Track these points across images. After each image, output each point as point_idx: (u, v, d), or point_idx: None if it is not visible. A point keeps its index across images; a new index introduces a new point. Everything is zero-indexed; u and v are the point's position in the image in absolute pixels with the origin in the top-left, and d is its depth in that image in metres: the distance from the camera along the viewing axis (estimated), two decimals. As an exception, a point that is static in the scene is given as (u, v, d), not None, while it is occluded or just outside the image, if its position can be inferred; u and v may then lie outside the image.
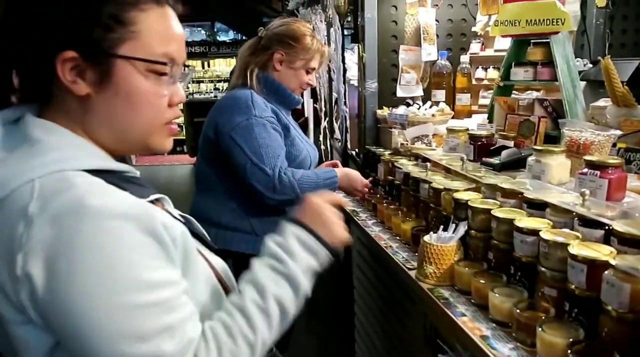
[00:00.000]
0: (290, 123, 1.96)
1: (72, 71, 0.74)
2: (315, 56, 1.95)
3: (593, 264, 0.96)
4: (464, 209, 1.41)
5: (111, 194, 0.72)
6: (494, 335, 1.10)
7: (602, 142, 1.39)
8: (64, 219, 0.67)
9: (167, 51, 0.79)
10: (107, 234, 0.67)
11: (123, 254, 0.68)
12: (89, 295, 0.66)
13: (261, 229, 1.83)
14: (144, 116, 0.79)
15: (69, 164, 0.72)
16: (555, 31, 1.79)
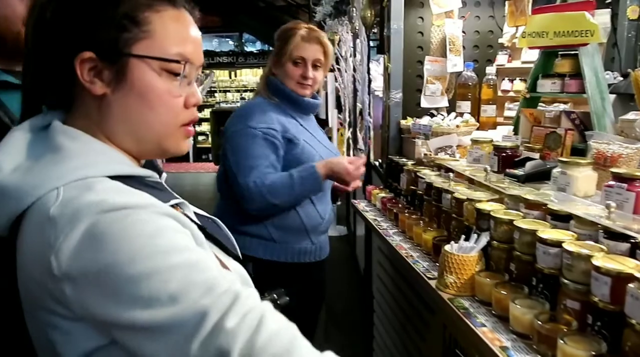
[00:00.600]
0: (308, 129, 1.94)
1: (90, 72, 0.76)
2: (298, 45, 1.86)
3: (618, 276, 0.94)
4: (487, 219, 1.39)
5: (130, 193, 0.73)
6: (514, 346, 1.08)
7: (630, 154, 1.37)
8: (85, 214, 0.68)
9: (181, 51, 0.80)
10: (130, 219, 0.68)
11: (151, 229, 0.68)
12: (124, 269, 0.65)
13: (278, 236, 1.84)
14: (159, 115, 0.80)
15: (91, 170, 0.74)
16: (584, 43, 1.77)
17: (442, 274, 1.39)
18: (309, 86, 1.90)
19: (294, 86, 1.88)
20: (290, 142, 1.84)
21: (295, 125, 1.89)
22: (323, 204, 1.94)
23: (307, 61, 1.87)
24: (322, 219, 1.93)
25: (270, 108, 1.87)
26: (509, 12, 2.32)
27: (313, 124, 2.01)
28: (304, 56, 1.86)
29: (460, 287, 1.34)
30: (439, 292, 1.38)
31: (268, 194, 1.75)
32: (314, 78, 1.89)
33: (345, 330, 3.40)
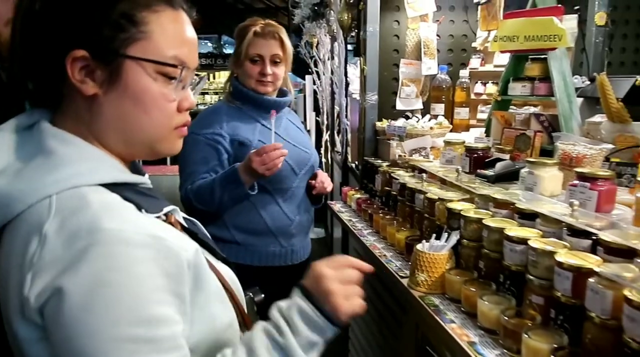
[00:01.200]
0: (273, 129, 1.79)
1: (81, 71, 0.73)
2: (254, 42, 1.80)
3: (578, 271, 0.97)
4: (457, 218, 1.42)
5: (128, 217, 0.70)
6: (482, 342, 1.10)
7: (594, 155, 1.41)
8: (77, 240, 0.65)
9: (177, 54, 0.77)
10: (115, 261, 0.66)
11: (127, 283, 0.66)
12: (84, 319, 0.64)
13: (242, 238, 1.80)
14: (152, 119, 0.77)
15: (84, 178, 0.71)
16: (553, 47, 1.82)
17: (413, 272, 1.41)
18: (270, 83, 1.83)
19: (254, 85, 1.82)
20: (241, 144, 1.79)
21: (253, 127, 1.83)
22: (291, 205, 1.87)
23: (265, 57, 1.80)
24: (290, 221, 1.85)
25: (225, 112, 1.83)
26: (481, 17, 2.37)
27: (282, 121, 1.92)
28: (260, 53, 1.80)
29: (431, 285, 1.36)
30: (410, 291, 1.40)
31: (194, 199, 1.72)
32: (273, 74, 1.82)
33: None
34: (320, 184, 1.91)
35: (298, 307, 0.79)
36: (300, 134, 1.99)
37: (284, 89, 1.94)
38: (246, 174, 1.67)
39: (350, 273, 0.83)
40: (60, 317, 0.65)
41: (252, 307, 1.01)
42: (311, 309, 0.78)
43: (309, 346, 0.77)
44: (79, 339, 0.65)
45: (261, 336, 0.77)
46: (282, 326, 0.77)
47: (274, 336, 0.77)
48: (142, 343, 0.66)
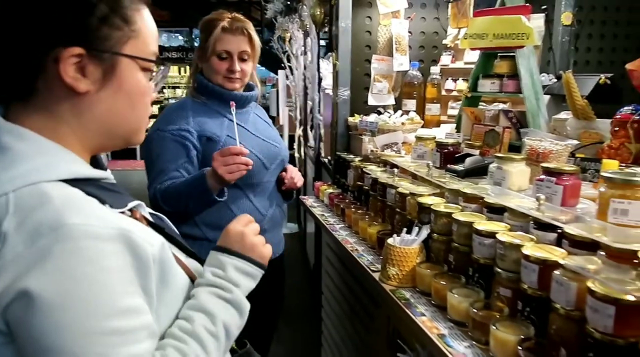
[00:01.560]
0: (240, 123, 1.79)
1: (74, 67, 0.73)
2: (221, 37, 1.75)
3: (544, 264, 1.00)
4: (427, 213, 1.44)
5: (91, 211, 0.70)
6: (451, 334, 1.12)
7: (560, 151, 1.45)
8: (40, 237, 0.65)
9: (154, 50, 0.82)
10: (83, 255, 0.66)
11: (98, 277, 0.66)
12: (57, 316, 0.64)
13: (213, 235, 1.75)
14: (139, 112, 0.82)
15: (43, 174, 0.70)
16: (520, 45, 1.85)
17: (385, 266, 1.42)
18: (238, 79, 1.79)
19: (221, 81, 1.78)
20: (209, 140, 1.74)
21: (220, 122, 1.79)
22: (263, 200, 1.84)
23: (233, 54, 1.76)
24: (262, 216, 1.82)
25: (191, 108, 1.78)
26: (451, 14, 2.40)
27: (249, 116, 1.88)
28: (228, 49, 1.75)
29: (402, 278, 1.38)
30: (382, 284, 1.41)
31: (161, 201, 1.68)
32: (242, 71, 1.78)
33: (295, 327, 3.41)
34: (291, 179, 1.89)
35: (233, 266, 0.90)
36: (269, 129, 1.96)
37: (250, 83, 1.89)
38: (213, 179, 1.63)
39: (256, 226, 1.00)
40: (30, 317, 0.64)
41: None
42: (244, 263, 0.91)
43: (247, 291, 0.91)
44: (53, 337, 0.64)
45: (211, 298, 0.85)
46: (226, 284, 0.87)
47: (223, 295, 0.86)
48: (118, 335, 0.67)
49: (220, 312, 0.83)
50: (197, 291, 0.85)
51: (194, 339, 0.79)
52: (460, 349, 1.06)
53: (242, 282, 0.89)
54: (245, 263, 0.91)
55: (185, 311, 0.82)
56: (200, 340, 0.79)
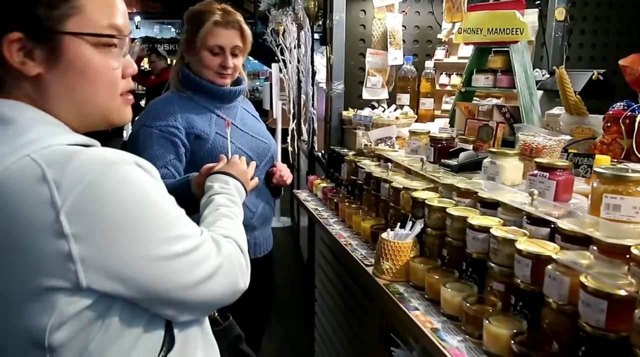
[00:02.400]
0: (228, 118, 1.76)
1: (19, 52, 0.74)
2: (214, 32, 1.68)
3: (537, 258, 1.01)
4: (421, 207, 1.44)
5: (112, 150, 0.76)
6: (444, 328, 1.13)
7: (553, 146, 1.46)
8: (91, 171, 0.70)
9: (112, 22, 0.80)
10: (131, 175, 0.74)
11: (147, 187, 0.76)
12: (134, 224, 0.73)
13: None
14: (100, 89, 0.81)
15: (53, 139, 0.74)
16: (515, 40, 1.86)
17: (378, 260, 1.42)
18: (229, 75, 1.74)
19: (212, 77, 1.72)
20: (198, 138, 1.70)
21: (208, 118, 1.74)
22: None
23: (226, 49, 1.70)
24: (252, 213, 1.79)
25: (177, 103, 1.72)
26: (446, 9, 2.40)
27: (237, 111, 1.84)
28: (221, 44, 1.69)
29: (396, 273, 1.38)
30: (375, 279, 1.42)
31: None
32: (234, 66, 1.72)
33: (288, 321, 3.42)
34: (280, 176, 1.84)
35: (234, 185, 1.22)
36: (257, 124, 1.91)
37: (238, 77, 1.83)
38: (199, 188, 1.57)
39: (245, 164, 1.36)
40: (105, 242, 0.71)
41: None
42: (240, 186, 1.25)
43: (239, 196, 1.22)
44: (130, 251, 0.73)
45: (224, 199, 1.14)
46: (232, 192, 1.19)
47: (231, 199, 1.16)
48: (179, 218, 0.82)
49: (232, 204, 1.13)
50: (213, 197, 1.14)
51: (223, 215, 1.05)
52: (453, 343, 1.06)
53: (238, 197, 1.19)
54: (240, 185, 1.24)
55: (207, 208, 1.10)
56: (227, 215, 1.06)
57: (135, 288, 0.74)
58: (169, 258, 0.76)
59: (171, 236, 0.77)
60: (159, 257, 0.75)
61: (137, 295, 0.75)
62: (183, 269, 0.78)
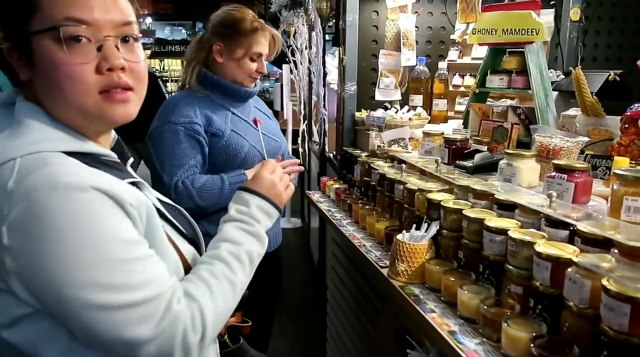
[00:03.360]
0: (242, 117, 1.84)
1: (18, 61, 0.79)
2: (257, 40, 1.79)
3: (557, 261, 0.99)
4: (437, 209, 1.43)
5: (83, 171, 0.75)
6: (462, 331, 1.12)
7: (571, 148, 1.44)
8: (36, 192, 0.70)
9: (69, 14, 0.76)
10: (78, 203, 0.71)
11: (97, 220, 0.72)
12: (72, 258, 0.70)
13: (213, 230, 1.76)
14: (67, 89, 0.77)
15: (46, 145, 0.75)
16: (530, 41, 1.85)
17: (393, 262, 1.42)
18: (256, 79, 1.86)
19: (245, 80, 1.82)
20: (213, 136, 1.75)
21: (224, 116, 1.80)
22: None
23: (263, 56, 1.83)
24: None
25: (195, 101, 1.78)
26: (460, 9, 2.38)
27: (250, 110, 1.90)
28: (262, 52, 1.81)
29: (411, 274, 1.38)
30: (390, 280, 1.41)
31: (197, 196, 1.68)
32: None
33: (299, 321, 3.42)
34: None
35: (257, 206, 1.03)
36: (269, 122, 1.96)
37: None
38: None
39: (279, 169, 1.14)
40: (37, 259, 0.69)
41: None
42: (266, 204, 1.05)
43: (266, 227, 1.03)
44: (59, 271, 0.70)
45: (235, 230, 0.97)
46: (249, 219, 1.00)
47: (246, 228, 0.98)
48: (128, 262, 0.73)
49: (244, 241, 0.95)
50: (223, 225, 0.98)
51: (220, 261, 0.89)
52: (471, 346, 1.06)
53: (263, 220, 1.02)
54: (267, 204, 1.05)
55: (212, 243, 0.95)
56: (226, 261, 0.89)
57: (54, 315, 0.73)
58: (88, 307, 0.70)
59: (102, 282, 0.70)
60: (80, 301, 0.69)
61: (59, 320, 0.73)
62: (101, 322, 0.71)
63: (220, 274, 0.87)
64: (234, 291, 0.88)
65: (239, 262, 0.91)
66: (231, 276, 0.88)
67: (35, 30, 0.76)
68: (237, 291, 0.89)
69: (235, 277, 0.88)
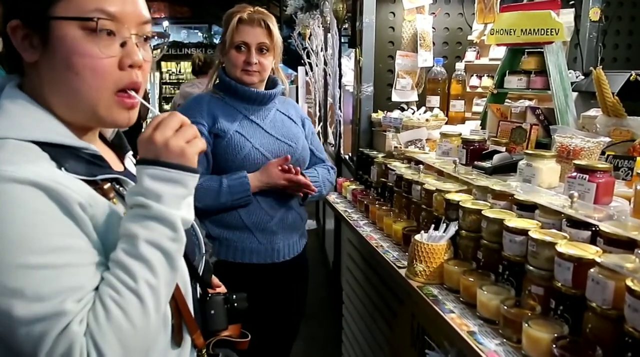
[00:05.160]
0: (255, 121, 1.80)
1: (23, 40, 0.77)
2: (240, 29, 1.73)
3: (579, 262, 0.98)
4: (455, 209, 1.43)
5: (32, 164, 0.72)
6: (481, 331, 1.11)
7: (592, 148, 1.42)
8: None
9: (100, 6, 0.76)
10: (10, 196, 0.68)
11: (23, 216, 0.68)
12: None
13: (218, 233, 1.76)
14: (85, 79, 0.76)
15: (15, 133, 0.74)
16: (550, 41, 1.83)
17: (411, 262, 1.41)
18: (256, 72, 1.75)
19: (239, 74, 1.75)
20: (216, 136, 1.74)
21: (233, 118, 1.77)
22: (270, 200, 1.79)
23: (251, 46, 1.73)
24: (269, 217, 1.78)
25: (207, 101, 1.78)
26: (478, 9, 2.37)
27: (269, 113, 1.84)
28: (246, 41, 1.72)
29: (430, 275, 1.37)
30: (408, 281, 1.41)
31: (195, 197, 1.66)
32: (259, 63, 1.74)
33: (314, 323, 3.42)
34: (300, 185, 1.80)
35: (147, 175, 0.76)
36: (290, 126, 1.88)
37: (275, 79, 1.87)
38: (257, 187, 1.72)
39: (173, 121, 0.80)
40: None
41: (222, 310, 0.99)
42: (163, 170, 0.76)
43: (176, 199, 0.78)
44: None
45: (129, 220, 0.76)
46: (141, 201, 0.76)
47: (140, 213, 0.75)
48: (50, 269, 0.69)
49: (139, 232, 0.74)
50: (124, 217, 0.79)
51: (116, 265, 0.73)
52: (491, 346, 1.05)
53: (165, 191, 0.76)
54: (163, 169, 0.76)
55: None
56: (123, 265, 0.73)
57: None
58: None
59: (10, 286, 0.67)
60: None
61: None
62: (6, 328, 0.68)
63: (118, 283, 0.72)
64: (140, 299, 0.72)
65: (139, 261, 0.73)
66: (131, 284, 0.72)
67: (60, 16, 0.74)
68: (148, 297, 0.73)
69: (135, 285, 0.72)
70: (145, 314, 0.72)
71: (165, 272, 0.75)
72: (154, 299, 0.73)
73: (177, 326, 0.86)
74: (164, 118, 0.79)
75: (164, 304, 0.77)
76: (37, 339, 0.67)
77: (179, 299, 0.86)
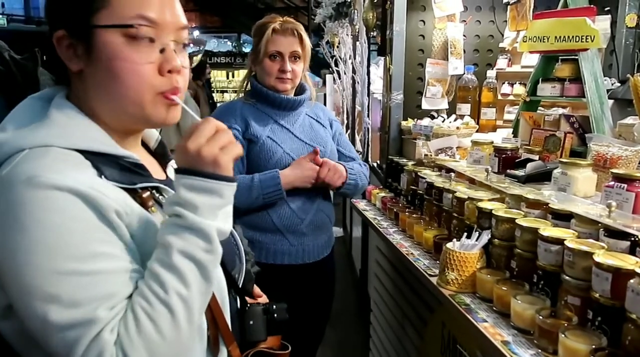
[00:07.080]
0: (286, 126, 1.86)
1: (68, 50, 0.79)
2: (273, 39, 1.79)
3: (618, 272, 0.97)
4: (488, 218, 1.41)
5: (72, 171, 0.73)
6: (515, 341, 1.10)
7: (630, 156, 1.40)
8: (14, 184, 0.70)
9: (141, 13, 0.78)
10: (49, 202, 0.69)
11: (60, 222, 0.69)
12: (25, 256, 0.68)
13: (250, 235, 1.78)
14: (128, 85, 0.78)
15: (59, 141, 0.76)
16: (585, 48, 1.80)
17: (443, 271, 1.41)
18: (289, 80, 1.82)
19: (273, 82, 1.82)
20: (250, 141, 1.80)
21: (265, 124, 1.83)
22: (301, 203, 1.84)
23: (284, 54, 1.80)
24: (300, 220, 1.83)
25: (239, 107, 1.84)
26: (510, 17, 2.35)
27: (299, 118, 1.90)
28: (280, 50, 1.80)
29: (462, 283, 1.36)
30: (440, 289, 1.40)
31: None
32: (292, 71, 1.81)
33: (340, 329, 3.41)
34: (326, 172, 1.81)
35: (183, 186, 0.76)
36: (319, 131, 1.93)
37: (303, 85, 1.92)
38: (289, 183, 1.76)
39: (207, 128, 0.78)
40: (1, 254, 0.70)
41: (261, 321, 1.00)
42: (197, 180, 0.76)
43: (212, 209, 0.77)
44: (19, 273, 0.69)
45: (165, 230, 0.76)
46: (178, 210, 0.75)
47: (176, 223, 0.75)
48: (86, 275, 0.70)
49: (174, 242, 0.74)
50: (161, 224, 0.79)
51: (149, 275, 0.73)
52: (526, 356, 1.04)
53: (198, 202, 0.75)
54: (198, 179, 0.76)
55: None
56: (156, 275, 0.73)
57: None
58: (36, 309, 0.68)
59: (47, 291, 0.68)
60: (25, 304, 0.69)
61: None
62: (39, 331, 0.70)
63: (150, 294, 0.72)
64: (171, 310, 0.72)
65: (171, 272, 0.73)
66: (162, 295, 0.72)
67: (103, 24, 0.77)
68: (179, 308, 0.72)
69: (166, 296, 0.72)
70: (176, 325, 0.72)
71: (198, 283, 0.74)
72: (185, 311, 0.73)
73: (213, 336, 0.86)
74: (198, 125, 0.79)
75: (198, 315, 0.76)
76: (71, 345, 0.68)
77: (215, 310, 0.86)
